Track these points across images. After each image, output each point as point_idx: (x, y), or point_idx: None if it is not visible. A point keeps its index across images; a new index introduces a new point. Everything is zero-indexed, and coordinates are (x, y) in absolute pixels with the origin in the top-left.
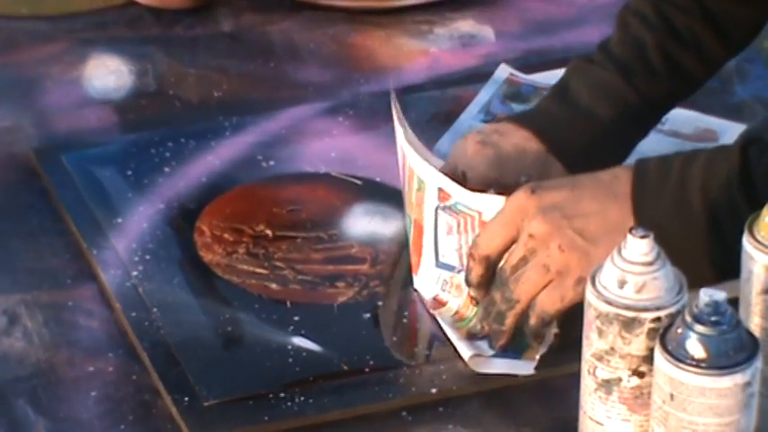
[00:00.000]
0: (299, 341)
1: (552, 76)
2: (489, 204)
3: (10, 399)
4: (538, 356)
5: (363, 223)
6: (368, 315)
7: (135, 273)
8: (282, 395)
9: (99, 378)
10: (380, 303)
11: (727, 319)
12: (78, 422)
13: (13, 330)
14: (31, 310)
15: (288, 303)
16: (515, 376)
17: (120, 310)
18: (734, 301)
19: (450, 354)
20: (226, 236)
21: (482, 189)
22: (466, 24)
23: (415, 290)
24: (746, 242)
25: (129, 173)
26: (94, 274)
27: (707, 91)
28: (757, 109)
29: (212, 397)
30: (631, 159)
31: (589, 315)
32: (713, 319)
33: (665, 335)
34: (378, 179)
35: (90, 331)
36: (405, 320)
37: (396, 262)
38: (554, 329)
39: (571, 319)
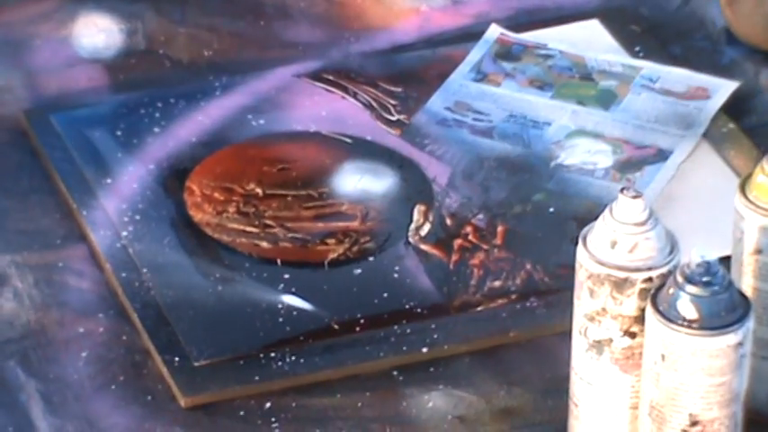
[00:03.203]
0: (289, 299)
1: (542, 36)
2: None
3: (0, 361)
4: None
5: (354, 181)
6: (359, 271)
7: (125, 233)
8: (273, 355)
9: (89, 339)
10: (371, 259)
11: (718, 280)
12: (69, 383)
13: (2, 291)
14: (21, 270)
15: (278, 262)
16: (508, 334)
17: (111, 271)
18: (726, 261)
19: (442, 311)
20: (216, 195)
21: None
22: None
23: (408, 244)
24: (739, 203)
25: (119, 133)
26: (84, 235)
27: (698, 51)
28: (747, 67)
29: (203, 357)
30: (625, 115)
31: (580, 275)
32: (705, 279)
33: (656, 295)
34: (368, 137)
35: (80, 292)
36: (396, 276)
37: (386, 218)
38: None
39: None
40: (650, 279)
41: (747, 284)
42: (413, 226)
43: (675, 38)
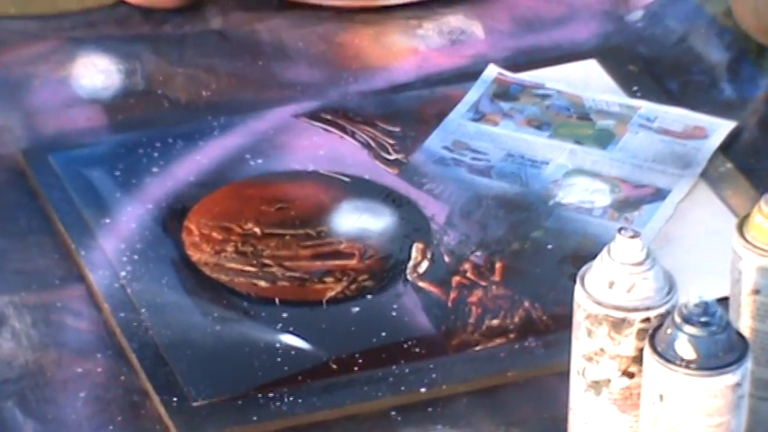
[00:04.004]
0: (287, 339)
1: (540, 75)
2: None
3: None
4: None
5: (352, 220)
6: (357, 309)
7: (123, 273)
8: (271, 395)
9: (88, 379)
10: (369, 297)
11: (716, 320)
12: (67, 424)
13: (0, 332)
14: (19, 311)
15: (276, 301)
16: (506, 374)
17: (109, 311)
18: (724, 302)
19: (441, 350)
20: (214, 234)
21: None
22: (456, 21)
23: (406, 281)
24: (736, 243)
25: (118, 173)
26: (83, 275)
27: (696, 89)
28: (746, 107)
29: (201, 397)
30: (623, 155)
31: (578, 315)
32: (703, 319)
33: (654, 335)
34: (366, 176)
35: (78, 332)
36: (394, 314)
37: (384, 256)
38: None
39: None
40: (648, 319)
41: (745, 325)
42: (411, 263)
43: (672, 73)
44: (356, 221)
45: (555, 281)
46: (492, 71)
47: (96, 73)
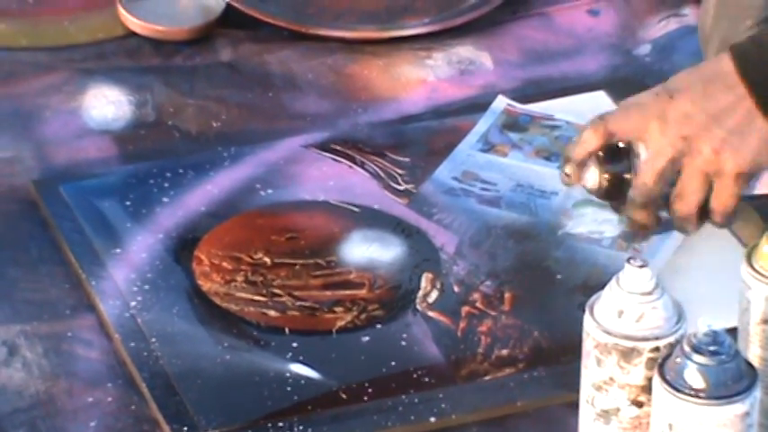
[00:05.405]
0: (297, 368)
1: (549, 107)
2: None
3: (9, 431)
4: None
5: (361, 249)
6: (366, 339)
7: (134, 303)
8: (281, 424)
9: (98, 409)
10: (379, 327)
11: (725, 349)
12: None
13: (12, 361)
14: (30, 340)
15: (286, 330)
16: (515, 403)
17: (119, 341)
18: (732, 333)
19: (450, 380)
20: (224, 264)
21: None
22: (465, 52)
23: (415, 311)
24: (745, 272)
25: (128, 203)
26: (93, 305)
27: None
28: None
29: (211, 427)
30: None
31: (587, 345)
32: (712, 348)
33: (663, 365)
34: (376, 206)
35: (89, 362)
36: (404, 343)
37: (394, 286)
38: None
39: None
40: (657, 348)
41: (754, 354)
42: (420, 293)
43: None
44: (366, 251)
45: (564, 311)
46: (501, 102)
47: (107, 104)
